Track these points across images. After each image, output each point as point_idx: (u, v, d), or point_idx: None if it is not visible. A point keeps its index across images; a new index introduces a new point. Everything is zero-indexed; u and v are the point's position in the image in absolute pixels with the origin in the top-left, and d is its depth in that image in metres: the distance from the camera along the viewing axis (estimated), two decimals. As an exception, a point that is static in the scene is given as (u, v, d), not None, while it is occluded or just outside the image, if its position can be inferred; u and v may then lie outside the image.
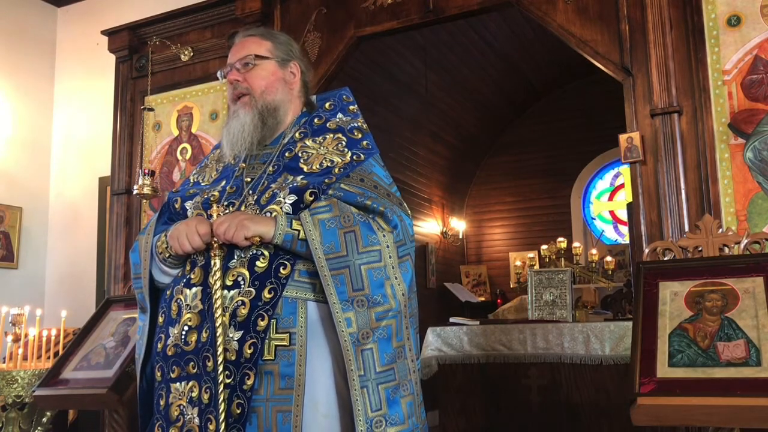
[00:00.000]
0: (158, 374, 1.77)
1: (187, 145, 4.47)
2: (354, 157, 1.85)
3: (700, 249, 2.60)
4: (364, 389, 1.63)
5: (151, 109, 4.57)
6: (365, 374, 1.63)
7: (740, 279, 2.24)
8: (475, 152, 8.44)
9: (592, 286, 6.27)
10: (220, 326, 1.63)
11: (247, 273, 1.68)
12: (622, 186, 8.04)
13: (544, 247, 6.22)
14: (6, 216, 5.35)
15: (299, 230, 1.68)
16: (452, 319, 4.05)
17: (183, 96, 4.54)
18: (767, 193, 3.02)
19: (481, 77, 7.16)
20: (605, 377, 3.47)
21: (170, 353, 1.72)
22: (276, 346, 1.65)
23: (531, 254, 7.84)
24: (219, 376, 1.61)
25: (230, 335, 1.64)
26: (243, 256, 1.70)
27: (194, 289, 1.73)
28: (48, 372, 3.13)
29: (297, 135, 1.93)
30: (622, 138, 3.31)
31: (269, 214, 1.72)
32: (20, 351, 3.63)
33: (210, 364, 1.63)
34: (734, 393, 1.90)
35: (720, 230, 2.62)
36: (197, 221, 1.74)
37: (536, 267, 7.14)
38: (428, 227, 7.76)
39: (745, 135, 3.08)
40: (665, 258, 2.64)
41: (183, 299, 1.74)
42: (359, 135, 1.94)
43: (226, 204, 1.81)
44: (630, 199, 3.88)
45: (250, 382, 1.61)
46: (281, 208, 1.73)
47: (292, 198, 1.75)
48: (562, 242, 6.12)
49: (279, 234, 1.67)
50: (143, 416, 1.86)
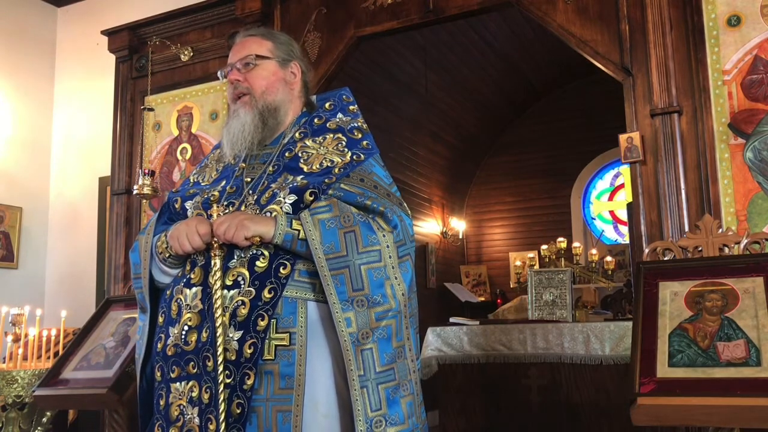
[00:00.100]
0: (158, 374, 1.77)
1: (187, 145, 4.47)
2: (354, 157, 1.85)
3: (700, 249, 2.60)
4: (364, 389, 1.63)
5: (151, 109, 4.57)
6: (365, 374, 1.63)
7: (740, 279, 2.24)
8: (475, 152, 8.44)
9: (592, 286, 6.26)
10: (220, 326, 1.63)
11: (247, 273, 1.68)
12: (622, 186, 8.04)
13: (544, 247, 6.22)
14: (6, 216, 5.35)
15: (299, 230, 1.68)
16: (452, 319, 4.05)
17: (183, 96, 4.54)
18: (767, 193, 3.02)
19: (481, 77, 7.16)
20: (605, 377, 3.47)
21: (170, 353, 1.73)
22: (276, 346, 1.65)
23: (531, 254, 7.84)
24: (219, 376, 1.61)
25: (230, 335, 1.64)
26: (243, 256, 1.70)
27: (194, 289, 1.73)
28: (48, 372, 3.13)
29: (297, 135, 1.93)
30: (622, 138, 3.31)
31: (269, 214, 1.72)
32: (20, 351, 3.63)
33: (210, 364, 1.63)
34: (734, 393, 1.90)
35: (720, 230, 2.62)
36: (197, 221, 1.74)
37: (536, 267, 7.14)
38: (428, 227, 7.76)
39: (745, 135, 3.08)
40: (665, 258, 2.64)
41: (183, 299, 1.74)
42: (359, 135, 1.94)
43: (226, 204, 1.81)
44: (630, 199, 3.88)
45: (250, 382, 1.61)
46: (281, 208, 1.73)
47: (292, 198, 1.75)
48: (562, 242, 6.12)
49: (279, 234, 1.67)
50: (143, 416, 1.86)
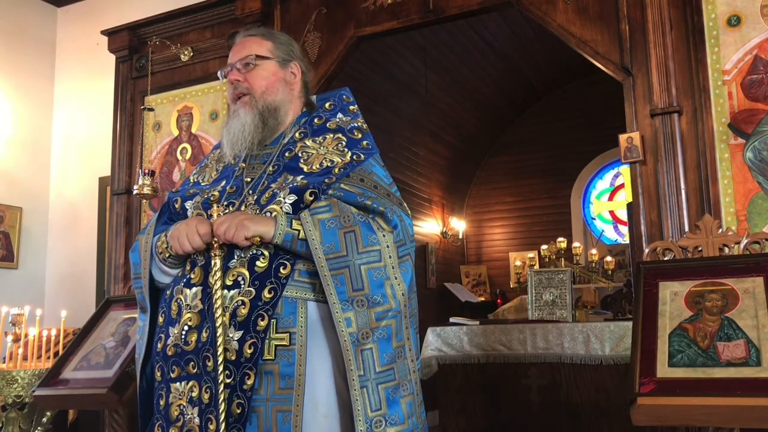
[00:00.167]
0: (158, 374, 1.77)
1: (187, 145, 4.47)
2: (354, 157, 1.85)
3: (700, 249, 2.60)
4: (364, 389, 1.63)
5: (151, 109, 4.57)
6: (365, 374, 1.63)
7: (740, 279, 2.24)
8: (475, 152, 8.44)
9: (592, 286, 6.26)
10: (220, 326, 1.63)
11: (247, 273, 1.68)
12: (622, 186, 8.04)
13: (544, 247, 6.22)
14: (6, 216, 5.35)
15: (299, 230, 1.68)
16: (452, 319, 4.05)
17: (183, 96, 4.54)
18: (767, 193, 3.02)
19: (481, 77, 7.16)
20: (605, 377, 3.47)
21: (170, 353, 1.73)
22: (276, 346, 1.65)
23: (531, 254, 7.83)
24: (219, 376, 1.61)
25: (230, 335, 1.64)
26: (243, 256, 1.70)
27: (194, 289, 1.73)
28: (48, 372, 3.13)
29: (297, 135, 1.93)
30: (622, 138, 3.31)
31: (269, 214, 1.72)
32: (20, 351, 3.63)
33: (210, 364, 1.63)
34: (734, 393, 1.90)
35: (720, 230, 2.62)
36: (197, 221, 1.74)
37: (536, 267, 7.14)
38: (428, 227, 7.76)
39: (745, 135, 3.08)
40: (665, 258, 2.64)
41: (183, 299, 1.74)
42: (359, 135, 1.94)
43: (226, 204, 1.81)
44: (630, 199, 3.88)
45: (250, 382, 1.61)
46: (281, 208, 1.73)
47: (292, 198, 1.75)
48: (562, 242, 6.12)
49: (279, 234, 1.67)
50: (143, 416, 1.86)
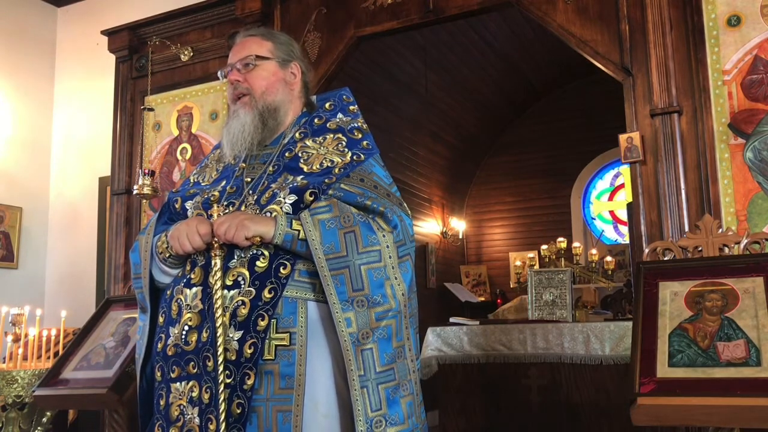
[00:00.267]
0: (158, 374, 1.77)
1: (187, 145, 4.47)
2: (354, 157, 1.85)
3: (700, 249, 2.60)
4: (364, 389, 1.63)
5: (151, 109, 4.57)
6: (365, 374, 1.63)
7: (740, 279, 2.24)
8: (475, 152, 8.44)
9: (592, 286, 6.26)
10: (221, 326, 1.63)
11: (248, 273, 1.68)
12: (622, 186, 8.04)
13: (544, 247, 6.22)
14: (6, 216, 5.35)
15: (299, 230, 1.68)
16: (452, 319, 4.05)
17: (183, 96, 4.54)
18: (767, 193, 3.02)
19: (481, 77, 7.16)
20: (605, 377, 3.47)
21: (170, 353, 1.73)
22: (276, 346, 1.65)
23: (531, 254, 7.83)
24: (219, 376, 1.61)
25: (230, 335, 1.64)
26: (243, 256, 1.70)
27: (194, 289, 1.73)
28: (48, 372, 3.13)
29: (297, 135, 1.93)
30: (622, 138, 3.31)
31: (269, 214, 1.73)
32: (20, 351, 3.63)
33: (210, 364, 1.63)
34: (734, 393, 1.90)
35: (720, 230, 2.62)
36: (198, 221, 1.74)
37: (536, 267, 7.14)
38: (428, 227, 7.76)
39: (745, 135, 3.08)
40: (665, 258, 2.64)
41: (183, 299, 1.74)
42: (359, 135, 1.94)
43: (226, 204, 1.81)
44: (630, 199, 3.88)
45: (251, 382, 1.61)
46: (281, 208, 1.73)
47: (292, 198, 1.75)
48: (562, 242, 6.12)
49: (279, 234, 1.67)
50: (143, 416, 1.86)
